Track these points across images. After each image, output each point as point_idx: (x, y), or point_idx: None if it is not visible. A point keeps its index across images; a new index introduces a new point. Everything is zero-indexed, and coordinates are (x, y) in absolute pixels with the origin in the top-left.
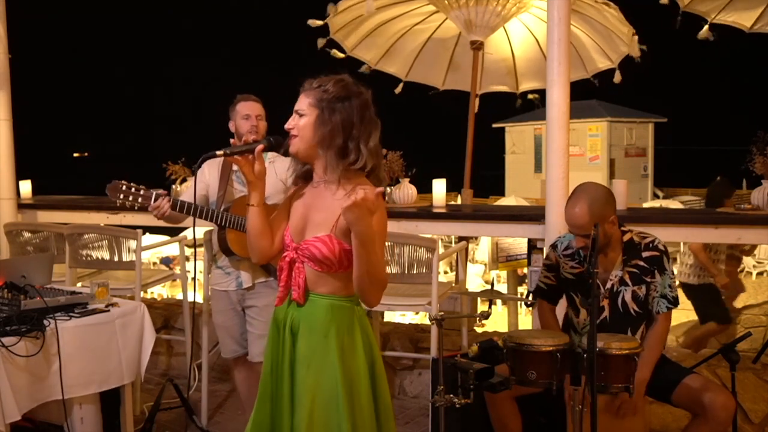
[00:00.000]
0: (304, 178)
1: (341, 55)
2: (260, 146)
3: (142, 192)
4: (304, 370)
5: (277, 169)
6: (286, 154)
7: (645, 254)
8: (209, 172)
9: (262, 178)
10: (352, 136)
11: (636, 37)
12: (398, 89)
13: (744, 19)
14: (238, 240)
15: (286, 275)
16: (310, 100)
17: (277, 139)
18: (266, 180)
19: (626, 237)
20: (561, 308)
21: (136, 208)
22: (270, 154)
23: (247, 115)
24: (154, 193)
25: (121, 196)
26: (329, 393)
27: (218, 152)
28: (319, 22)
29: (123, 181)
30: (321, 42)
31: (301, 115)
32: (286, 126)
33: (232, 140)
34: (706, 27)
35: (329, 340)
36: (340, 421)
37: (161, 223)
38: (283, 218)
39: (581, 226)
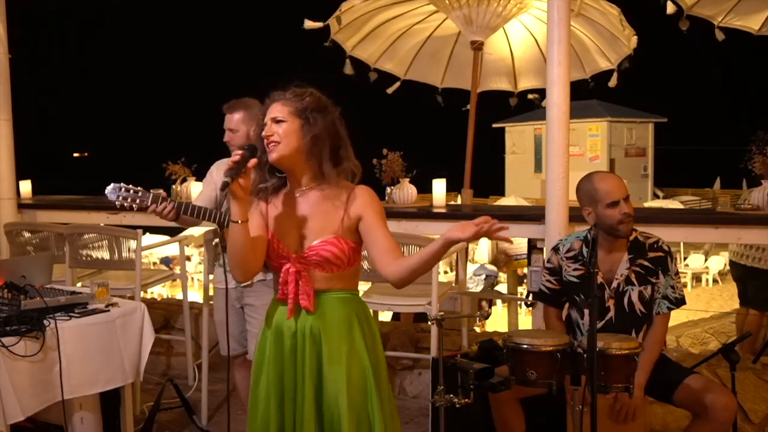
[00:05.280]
0: (275, 191)
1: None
2: (253, 161)
3: (140, 194)
4: (337, 367)
5: None
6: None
7: (650, 254)
8: (217, 173)
9: (249, 192)
10: (338, 146)
11: (635, 38)
12: (392, 89)
13: (751, 22)
14: None
15: (293, 287)
16: (290, 109)
17: (250, 147)
18: None
19: (632, 236)
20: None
21: (135, 209)
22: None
23: (226, 126)
24: (152, 194)
25: (120, 198)
26: (362, 381)
27: (227, 179)
28: (316, 24)
29: (122, 184)
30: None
31: (279, 122)
32: (264, 133)
33: (230, 161)
34: (717, 30)
35: (354, 331)
36: (373, 406)
37: (162, 223)
38: (260, 233)
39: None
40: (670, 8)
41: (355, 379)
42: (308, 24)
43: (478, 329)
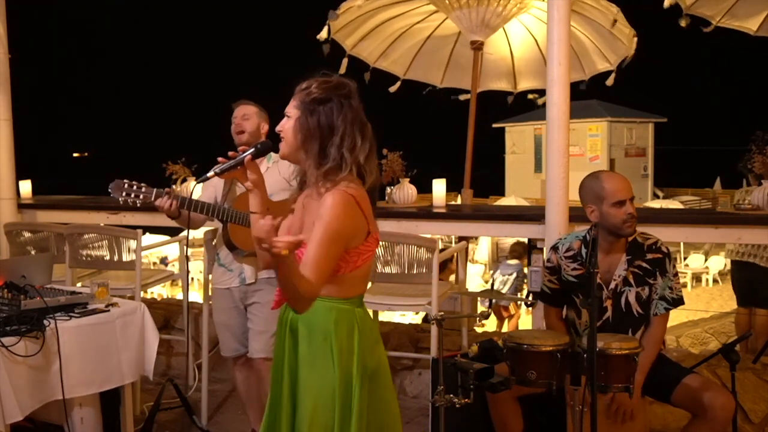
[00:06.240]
0: (305, 182)
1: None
2: (248, 156)
3: (144, 189)
4: (308, 371)
5: (281, 168)
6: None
7: (649, 256)
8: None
9: (259, 185)
10: (333, 140)
11: (636, 39)
12: (394, 88)
13: (749, 23)
14: (241, 234)
15: None
16: (295, 103)
17: (263, 144)
18: (269, 179)
19: (630, 237)
20: None
21: (138, 205)
22: (274, 155)
23: (234, 117)
24: (155, 190)
25: (124, 194)
26: (327, 395)
27: (209, 174)
28: (324, 35)
29: (125, 180)
30: (326, 48)
31: (287, 117)
32: (276, 128)
33: (220, 158)
34: (712, 26)
35: (328, 343)
36: (334, 425)
37: (162, 223)
38: (288, 221)
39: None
40: (667, 1)
41: (323, 387)
42: (321, 35)
43: (478, 329)
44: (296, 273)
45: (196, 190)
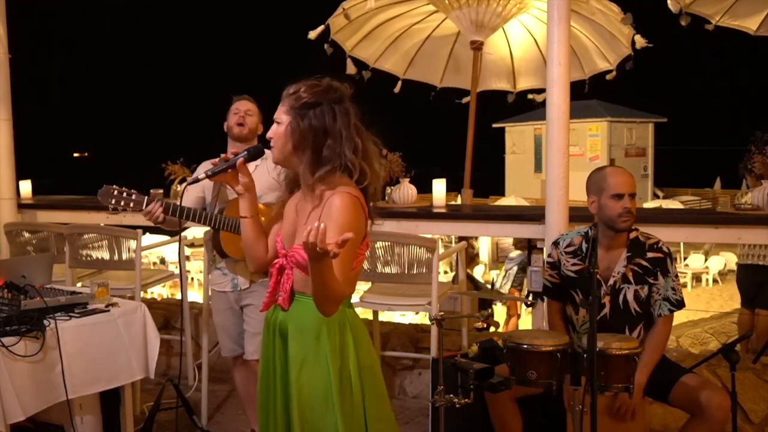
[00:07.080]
0: (297, 183)
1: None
2: (240, 159)
3: (134, 196)
4: (297, 371)
5: (269, 166)
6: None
7: (649, 255)
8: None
9: (250, 189)
10: (327, 143)
11: (639, 37)
12: (397, 88)
13: (749, 23)
14: (232, 242)
15: (274, 281)
16: (284, 108)
17: (256, 148)
18: (259, 178)
19: (632, 235)
20: None
21: (128, 212)
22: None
23: (237, 110)
24: (146, 197)
25: (113, 201)
26: (322, 393)
27: (200, 177)
28: (316, 33)
29: (114, 186)
30: (328, 48)
31: (278, 123)
32: (267, 135)
33: (212, 161)
34: (712, 24)
35: (321, 341)
36: (335, 420)
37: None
38: (277, 224)
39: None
40: (675, 8)
41: (316, 388)
42: (313, 34)
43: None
44: (333, 274)
45: (196, 187)
